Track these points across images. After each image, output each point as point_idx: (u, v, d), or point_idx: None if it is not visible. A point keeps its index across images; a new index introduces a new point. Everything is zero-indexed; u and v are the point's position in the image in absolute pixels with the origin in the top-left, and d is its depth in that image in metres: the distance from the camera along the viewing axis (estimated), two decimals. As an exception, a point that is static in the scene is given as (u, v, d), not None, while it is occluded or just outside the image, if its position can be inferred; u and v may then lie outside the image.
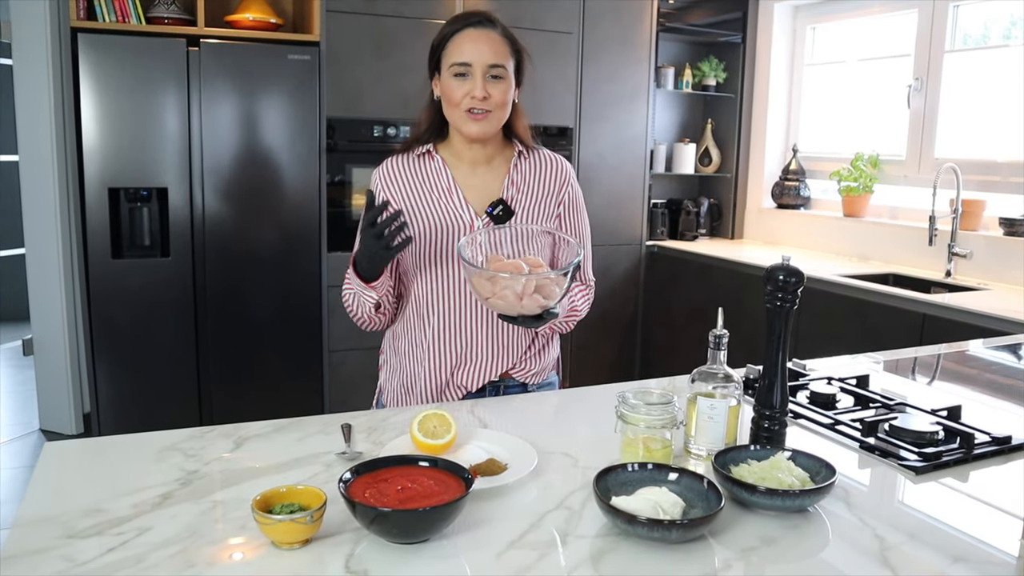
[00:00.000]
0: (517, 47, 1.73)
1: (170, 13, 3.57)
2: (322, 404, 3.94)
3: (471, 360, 1.76)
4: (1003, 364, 2.28)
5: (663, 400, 1.31)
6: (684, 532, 1.06)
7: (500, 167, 1.80)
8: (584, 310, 1.85)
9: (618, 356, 4.70)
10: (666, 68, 4.79)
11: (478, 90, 1.66)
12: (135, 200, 3.52)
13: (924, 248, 3.70)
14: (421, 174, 1.77)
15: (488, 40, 1.68)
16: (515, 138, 1.81)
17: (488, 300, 1.53)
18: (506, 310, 1.53)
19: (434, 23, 3.90)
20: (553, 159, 1.84)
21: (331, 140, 3.81)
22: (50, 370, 4.02)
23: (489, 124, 1.70)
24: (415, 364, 1.79)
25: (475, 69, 1.66)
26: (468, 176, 1.78)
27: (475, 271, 1.52)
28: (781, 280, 1.32)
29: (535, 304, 1.51)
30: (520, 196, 1.78)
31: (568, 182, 1.84)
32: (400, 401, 1.83)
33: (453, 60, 1.68)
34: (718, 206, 5.00)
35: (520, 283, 1.50)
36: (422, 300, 1.76)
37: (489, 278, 1.51)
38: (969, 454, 1.40)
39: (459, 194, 1.75)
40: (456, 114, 1.70)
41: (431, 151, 1.79)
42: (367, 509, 1.02)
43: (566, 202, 1.83)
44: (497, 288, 1.51)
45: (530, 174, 1.80)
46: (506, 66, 1.69)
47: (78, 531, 1.07)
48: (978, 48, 3.83)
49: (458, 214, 1.74)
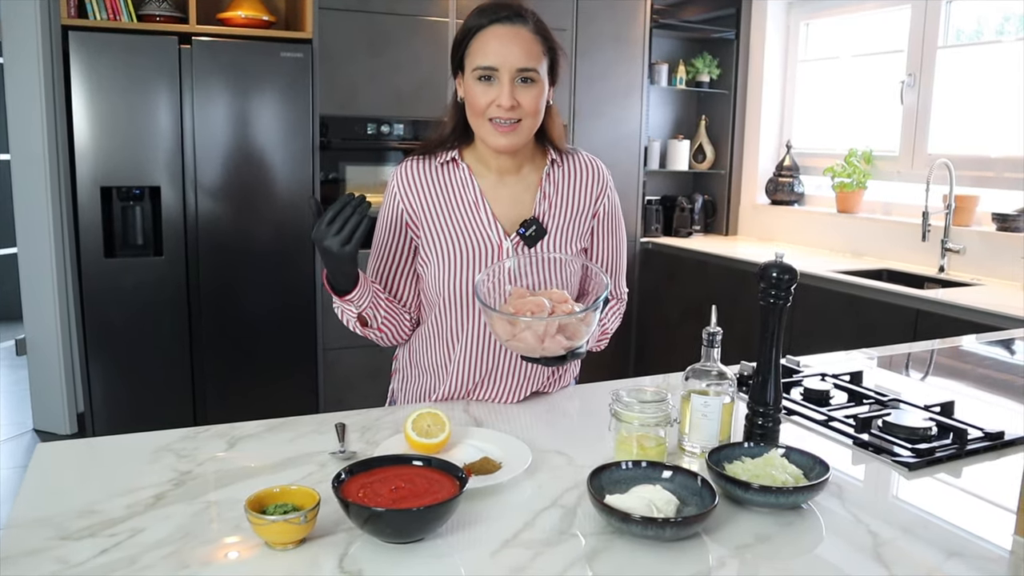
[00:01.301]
0: (552, 43, 1.54)
1: (162, 11, 3.55)
2: (317, 402, 3.94)
3: (494, 386, 1.64)
4: (996, 359, 2.29)
5: (657, 398, 1.30)
6: (678, 530, 1.06)
7: (531, 176, 1.63)
8: (615, 327, 1.74)
9: (613, 353, 4.69)
10: (660, 65, 4.79)
11: (505, 98, 1.47)
12: (128, 199, 3.51)
13: (918, 244, 3.71)
14: (445, 184, 1.60)
15: (517, 40, 1.48)
16: (548, 143, 1.64)
17: (508, 343, 1.41)
18: (527, 352, 1.41)
19: (428, 20, 3.89)
20: (590, 164, 1.69)
21: (324, 138, 3.80)
22: (43, 370, 4.00)
23: (518, 136, 1.53)
24: (434, 383, 1.68)
25: (502, 74, 1.48)
26: (496, 187, 1.61)
27: (492, 313, 1.40)
28: (774, 277, 1.32)
29: (558, 346, 1.40)
30: (553, 211, 1.62)
31: (605, 191, 1.69)
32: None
33: (477, 63, 1.49)
34: (712, 202, 5.00)
35: (541, 326, 1.38)
36: (445, 324, 1.62)
37: (509, 320, 1.39)
38: (962, 450, 1.41)
39: (487, 210, 1.59)
40: (480, 123, 1.53)
41: (456, 159, 1.61)
42: (361, 509, 1.02)
43: (601, 213, 1.68)
44: (517, 330, 1.39)
45: (564, 184, 1.65)
46: (538, 68, 1.50)
47: (71, 532, 1.07)
48: (971, 44, 3.84)
49: (486, 234, 1.58)
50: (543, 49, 1.52)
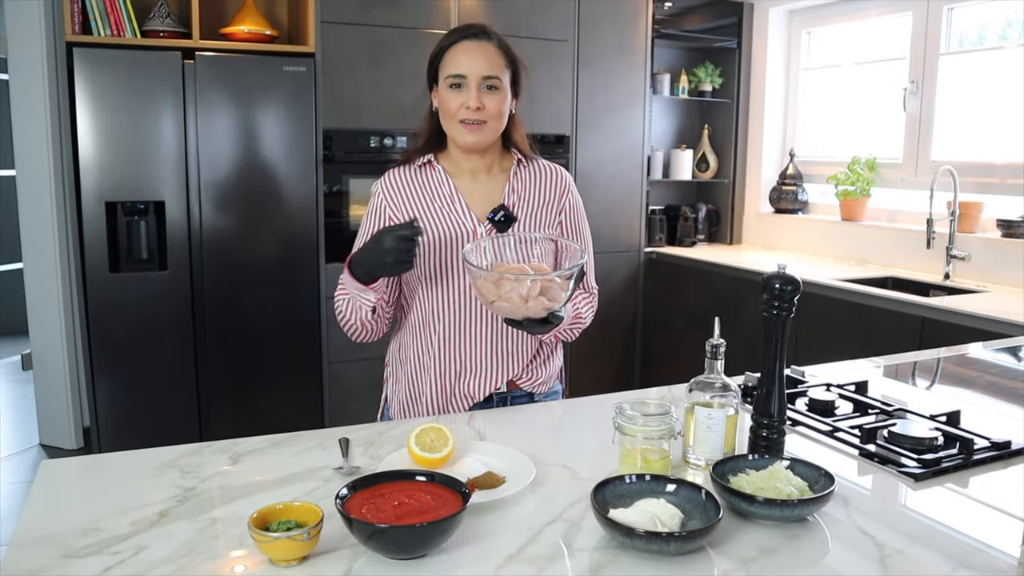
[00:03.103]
0: (513, 58, 1.76)
1: (165, 26, 3.57)
2: (322, 415, 3.93)
3: (476, 369, 1.77)
4: (1003, 366, 2.28)
5: (661, 411, 1.30)
6: (682, 544, 1.05)
7: (500, 175, 1.82)
8: (588, 318, 1.85)
9: (618, 364, 4.69)
10: (662, 74, 4.80)
11: (472, 100, 1.69)
12: (132, 213, 3.52)
13: (922, 251, 3.70)
14: (423, 184, 1.80)
15: (483, 52, 1.71)
16: (513, 148, 1.84)
17: (493, 303, 1.53)
18: (511, 313, 1.53)
19: (429, 33, 3.91)
20: (552, 169, 1.87)
21: (328, 151, 3.81)
22: (49, 385, 4.01)
23: (483, 134, 1.73)
24: (420, 373, 1.80)
25: (470, 80, 1.69)
26: (469, 184, 1.80)
27: (480, 274, 1.53)
28: (777, 288, 1.32)
29: (540, 307, 1.52)
30: (521, 203, 1.80)
31: (568, 191, 1.86)
32: (406, 412, 1.83)
33: (449, 72, 1.71)
34: (716, 212, 5.00)
35: (525, 285, 1.50)
36: (427, 309, 1.77)
37: (495, 280, 1.52)
38: (968, 460, 1.40)
39: (461, 202, 1.77)
40: (452, 125, 1.74)
41: (432, 161, 1.82)
42: (364, 525, 1.02)
43: (567, 210, 1.85)
44: (502, 291, 1.51)
45: (530, 182, 1.83)
46: (501, 77, 1.72)
47: (75, 550, 1.07)
48: (973, 50, 3.84)
49: (461, 222, 1.76)
50: (505, 62, 1.74)
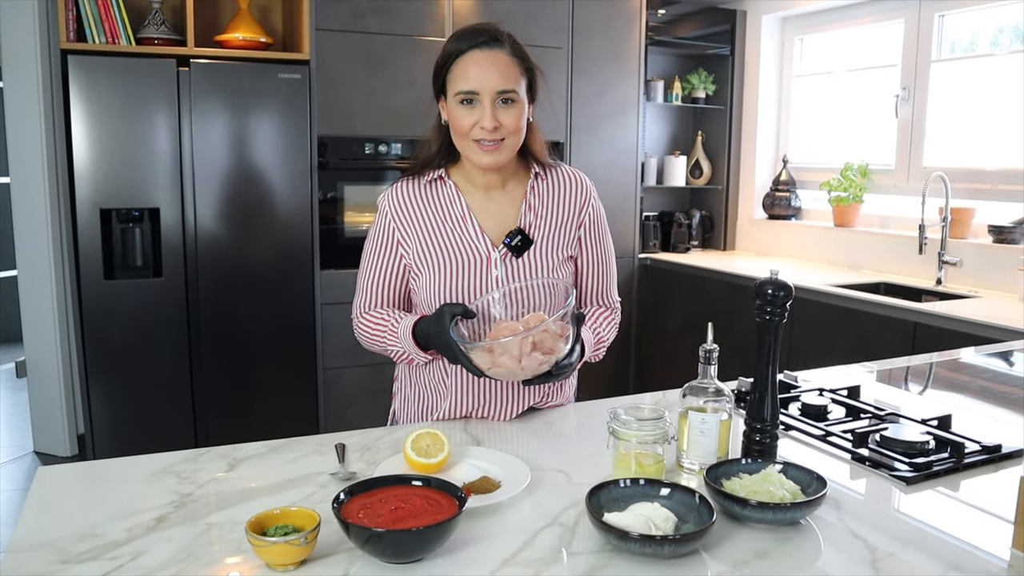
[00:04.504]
0: (529, 65, 1.60)
1: (160, 34, 3.58)
2: (317, 422, 3.94)
3: (494, 401, 1.67)
4: (994, 371, 2.29)
5: (654, 415, 1.31)
6: (676, 547, 1.06)
7: (516, 190, 1.69)
8: (610, 337, 1.77)
9: (613, 369, 4.71)
10: (655, 81, 4.82)
11: (487, 120, 1.54)
12: (127, 220, 3.53)
13: (914, 257, 3.72)
14: (433, 202, 1.67)
15: (496, 63, 1.55)
16: (531, 158, 1.70)
17: (490, 371, 1.45)
18: (510, 377, 1.46)
19: (424, 40, 3.92)
20: (573, 177, 1.73)
21: (323, 158, 3.82)
22: (44, 392, 4.00)
23: (501, 154, 1.59)
24: (436, 400, 1.70)
25: (483, 97, 1.54)
26: (483, 202, 1.67)
27: (469, 349, 1.45)
28: (769, 294, 1.33)
29: (535, 363, 1.44)
30: (538, 221, 1.67)
31: (589, 201, 1.73)
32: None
33: (459, 88, 1.56)
34: (710, 218, 5.02)
35: (515, 346, 1.42)
36: None
37: (487, 349, 1.43)
38: (959, 463, 1.41)
39: (474, 223, 1.65)
40: (465, 144, 1.60)
41: (443, 176, 1.68)
42: (360, 530, 1.03)
43: (587, 223, 1.72)
44: (495, 357, 1.43)
45: (548, 196, 1.70)
46: (517, 89, 1.56)
47: (72, 556, 1.07)
48: (965, 57, 3.86)
49: (474, 245, 1.63)
50: (521, 70, 1.58)
